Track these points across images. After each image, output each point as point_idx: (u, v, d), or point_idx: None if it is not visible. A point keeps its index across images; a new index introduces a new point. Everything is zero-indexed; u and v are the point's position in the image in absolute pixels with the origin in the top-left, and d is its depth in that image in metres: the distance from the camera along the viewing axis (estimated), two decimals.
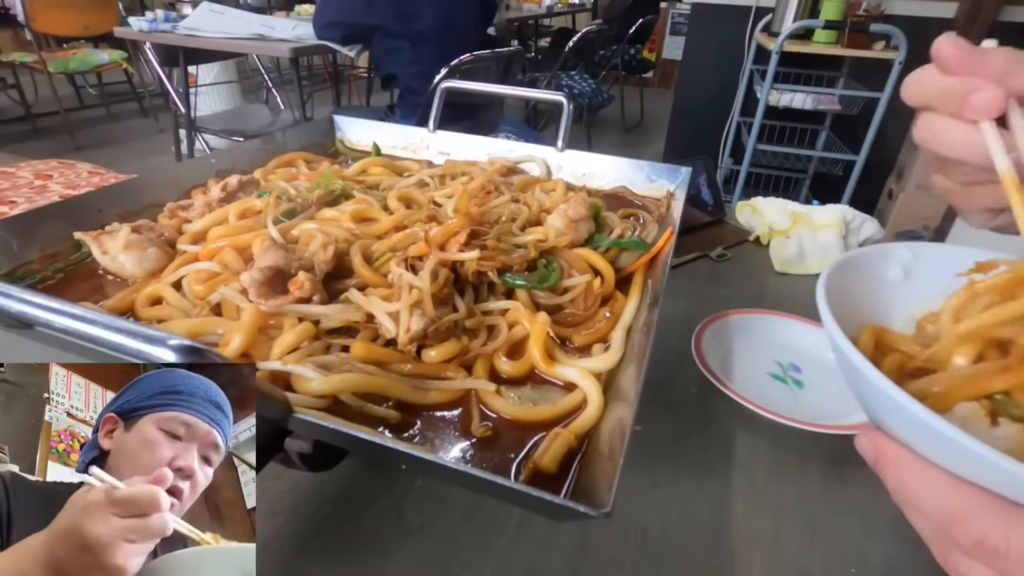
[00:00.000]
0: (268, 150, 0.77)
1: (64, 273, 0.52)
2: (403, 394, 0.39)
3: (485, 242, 0.49)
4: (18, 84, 3.50)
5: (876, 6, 2.04)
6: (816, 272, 0.86)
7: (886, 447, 0.23)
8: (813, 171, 2.49)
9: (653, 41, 5.12)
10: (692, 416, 0.59)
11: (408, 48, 1.81)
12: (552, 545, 0.45)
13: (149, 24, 2.13)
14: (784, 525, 0.48)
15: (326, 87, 4.37)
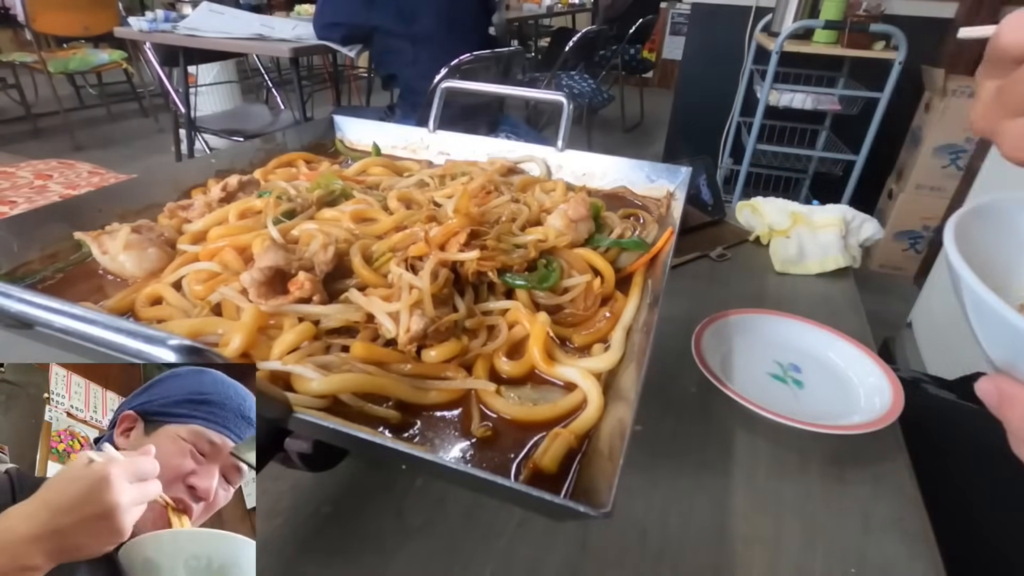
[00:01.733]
0: (268, 150, 0.77)
1: (64, 273, 0.52)
2: (403, 394, 0.39)
3: (485, 242, 0.49)
4: (18, 84, 3.50)
5: (876, 6, 2.04)
6: (816, 272, 0.87)
7: (1013, 389, 0.24)
8: (813, 171, 2.49)
9: (653, 41, 5.12)
10: (692, 416, 0.59)
11: (408, 48, 1.81)
12: (552, 545, 0.45)
13: (149, 24, 2.13)
14: (784, 525, 0.48)
15: (326, 87, 4.37)
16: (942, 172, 2.21)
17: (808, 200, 1.20)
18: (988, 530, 0.58)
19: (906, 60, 1.93)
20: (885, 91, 1.98)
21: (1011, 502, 0.58)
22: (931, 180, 2.24)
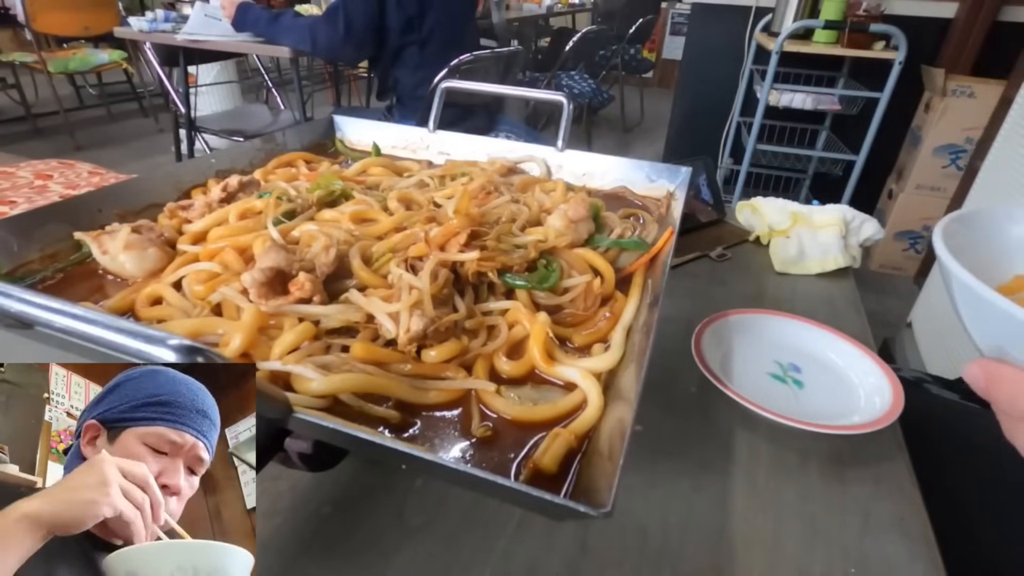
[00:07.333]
0: (268, 150, 0.77)
1: (64, 273, 0.52)
2: (403, 394, 0.39)
3: (485, 243, 0.49)
4: (18, 84, 3.50)
5: (876, 6, 2.05)
6: (816, 272, 0.87)
7: (1000, 370, 0.25)
8: (813, 171, 2.49)
9: (653, 41, 5.12)
10: (692, 416, 0.59)
11: (416, 53, 1.81)
12: (552, 545, 0.45)
13: (149, 24, 2.13)
14: (784, 525, 0.48)
15: (326, 87, 4.37)
16: (942, 172, 2.21)
17: (808, 200, 1.20)
18: (988, 530, 0.58)
19: (906, 60, 1.93)
20: (885, 91, 1.98)
21: (1011, 502, 0.58)
22: (931, 180, 2.24)
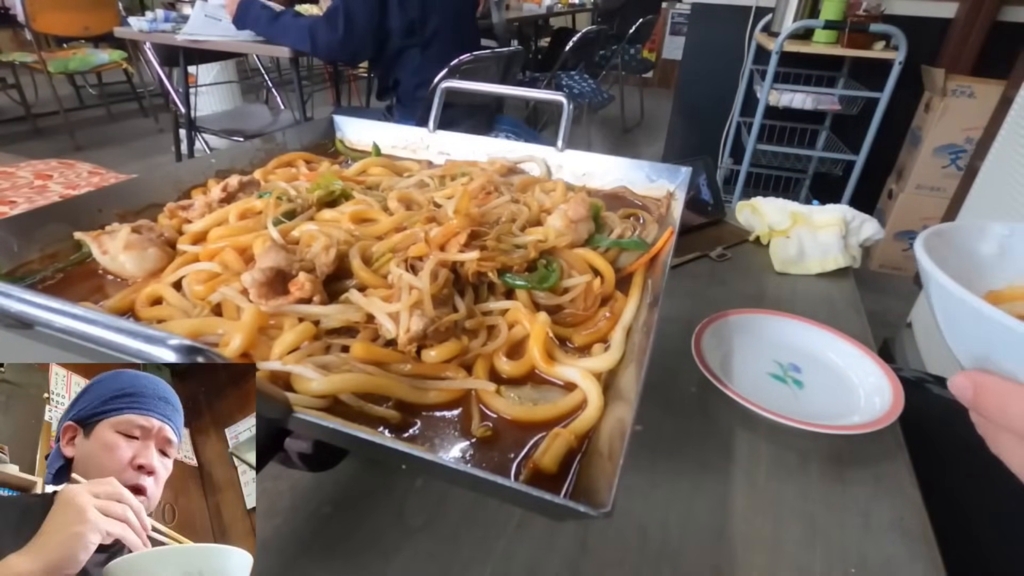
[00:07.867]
0: (268, 150, 0.77)
1: (64, 273, 0.52)
2: (403, 394, 0.39)
3: (485, 243, 0.49)
4: (18, 84, 3.50)
5: (876, 6, 2.05)
6: (816, 272, 0.87)
7: (986, 380, 0.25)
8: (813, 171, 2.49)
9: (653, 41, 5.12)
10: (692, 416, 0.59)
11: (417, 55, 1.81)
12: (552, 545, 0.45)
13: (149, 24, 2.13)
14: (784, 525, 0.48)
15: (326, 87, 4.37)
16: (942, 172, 2.21)
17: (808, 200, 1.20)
18: (988, 530, 0.58)
19: (906, 60, 1.93)
20: (885, 91, 1.98)
21: (1011, 502, 0.58)
22: (931, 180, 2.24)
